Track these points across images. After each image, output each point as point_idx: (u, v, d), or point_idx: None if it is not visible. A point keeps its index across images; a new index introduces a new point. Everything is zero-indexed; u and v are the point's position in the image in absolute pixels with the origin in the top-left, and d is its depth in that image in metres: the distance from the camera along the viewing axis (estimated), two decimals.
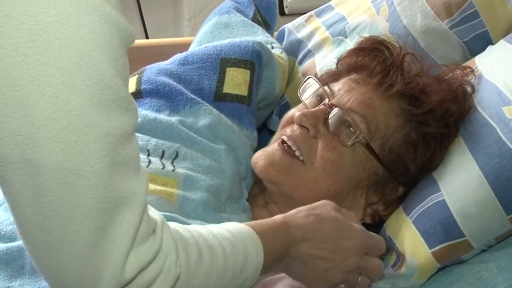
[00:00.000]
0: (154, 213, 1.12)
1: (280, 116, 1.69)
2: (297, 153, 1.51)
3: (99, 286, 1.07)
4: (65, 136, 0.97)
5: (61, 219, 1.01)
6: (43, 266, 1.10)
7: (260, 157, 1.54)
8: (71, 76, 0.96)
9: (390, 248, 1.46)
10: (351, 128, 1.49)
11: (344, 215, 1.41)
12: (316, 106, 1.55)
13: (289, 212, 1.36)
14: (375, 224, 1.53)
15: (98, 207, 1.02)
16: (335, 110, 1.50)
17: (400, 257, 1.43)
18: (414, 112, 1.52)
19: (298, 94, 1.62)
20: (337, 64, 1.67)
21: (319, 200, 1.49)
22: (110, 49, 0.98)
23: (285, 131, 1.54)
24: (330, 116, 1.51)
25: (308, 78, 1.63)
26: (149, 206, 1.12)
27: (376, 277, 1.44)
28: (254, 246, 1.27)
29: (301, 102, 1.60)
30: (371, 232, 1.42)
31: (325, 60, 1.79)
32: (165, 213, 1.38)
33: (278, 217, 1.32)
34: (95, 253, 1.04)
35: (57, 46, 0.95)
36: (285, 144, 1.52)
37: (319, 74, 1.70)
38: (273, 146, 1.55)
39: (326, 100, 1.53)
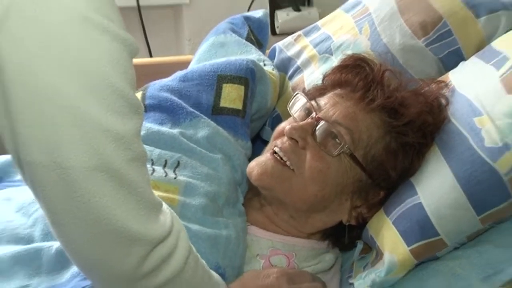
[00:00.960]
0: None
1: (272, 127, 1.73)
2: (287, 163, 1.53)
3: (129, 259, 1.15)
4: (87, 140, 1.04)
5: (92, 209, 1.08)
6: (74, 251, 1.18)
7: (254, 167, 1.56)
8: (90, 89, 1.03)
9: (371, 246, 1.51)
10: (336, 139, 1.51)
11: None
12: (304, 119, 1.57)
13: (240, 285, 1.45)
14: (359, 225, 1.56)
15: (121, 195, 1.09)
16: (322, 123, 1.53)
17: (379, 255, 1.46)
18: (393, 124, 1.54)
19: (288, 108, 1.65)
20: (323, 79, 1.70)
21: (309, 204, 1.57)
22: (120, 63, 1.06)
23: (276, 143, 1.56)
24: (317, 129, 1.53)
25: (297, 93, 1.66)
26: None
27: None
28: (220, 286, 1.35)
29: (291, 115, 1.63)
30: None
31: (313, 76, 1.82)
32: None
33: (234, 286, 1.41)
34: (124, 232, 1.12)
35: (78, 65, 1.02)
36: (276, 155, 1.54)
37: (307, 89, 1.72)
38: (266, 156, 1.57)
39: (314, 114, 1.56)
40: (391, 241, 1.44)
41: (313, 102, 1.59)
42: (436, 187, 1.46)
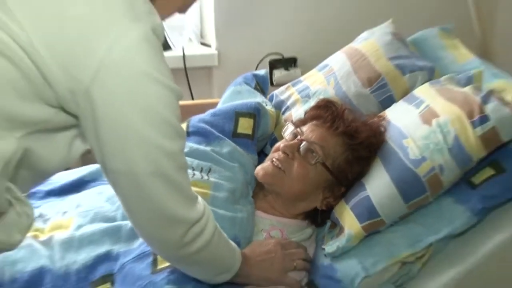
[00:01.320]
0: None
1: (271, 145, 1.70)
2: (282, 168, 1.52)
3: (175, 234, 1.14)
4: (150, 155, 1.04)
5: (151, 201, 1.09)
6: (140, 228, 1.18)
7: (260, 170, 1.56)
8: (152, 123, 1.02)
9: (336, 224, 1.47)
10: (313, 153, 1.51)
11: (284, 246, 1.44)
12: (292, 140, 1.56)
13: (250, 250, 1.40)
14: (328, 210, 1.53)
15: (170, 191, 1.09)
16: (304, 143, 1.52)
17: (341, 230, 1.42)
18: (351, 143, 1.53)
19: (282, 133, 1.65)
20: (304, 114, 1.68)
21: (295, 196, 1.55)
22: (171, 104, 1.04)
23: (274, 155, 1.56)
24: (301, 147, 1.52)
25: (288, 123, 1.65)
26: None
27: (302, 257, 1.46)
28: (236, 258, 1.31)
29: (283, 138, 1.62)
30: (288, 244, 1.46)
31: (297, 112, 1.78)
32: None
33: (245, 253, 1.37)
34: (172, 216, 1.12)
35: (145, 107, 1.00)
36: (274, 162, 1.53)
37: (294, 121, 1.68)
38: (267, 163, 1.55)
39: (299, 137, 1.55)
40: (349, 221, 1.42)
41: (298, 129, 1.58)
42: (378, 185, 1.44)
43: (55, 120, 1.02)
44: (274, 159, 1.55)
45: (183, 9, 1.22)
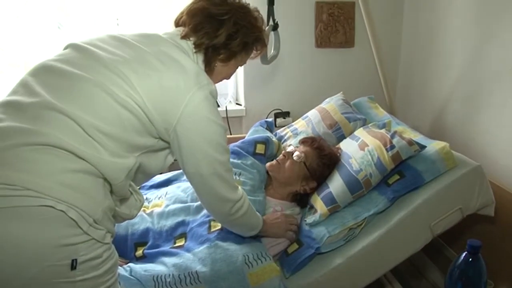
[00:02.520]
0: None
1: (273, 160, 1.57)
2: (280, 163, 1.50)
3: (226, 207, 1.14)
4: (210, 163, 1.05)
5: (212, 190, 1.09)
6: (205, 204, 1.18)
7: (269, 164, 1.53)
8: (211, 145, 1.04)
9: (312, 207, 1.44)
10: (298, 157, 1.48)
11: (284, 217, 1.39)
12: (289, 150, 1.53)
13: (266, 217, 1.35)
14: (305, 195, 1.49)
15: (223, 183, 1.09)
16: (296, 152, 1.49)
17: (315, 210, 1.41)
18: (320, 154, 1.49)
19: (283, 150, 1.61)
20: (299, 142, 1.59)
21: (286, 181, 1.49)
22: (221, 134, 1.05)
23: (278, 157, 1.53)
24: (294, 153, 1.49)
25: (290, 145, 1.62)
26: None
27: (296, 223, 1.40)
28: (260, 221, 1.29)
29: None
30: (290, 219, 1.40)
31: (290, 142, 1.73)
32: None
33: (264, 219, 1.32)
34: (224, 198, 1.12)
35: (209, 139, 1.03)
36: (277, 160, 1.51)
37: (290, 145, 1.62)
38: (273, 161, 1.53)
39: (293, 150, 1.51)
40: (320, 205, 1.40)
41: (293, 147, 1.55)
42: (336, 185, 1.42)
43: (157, 146, 1.03)
44: (277, 159, 1.53)
45: (227, 77, 1.21)
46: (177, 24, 1.13)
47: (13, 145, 0.83)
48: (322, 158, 1.50)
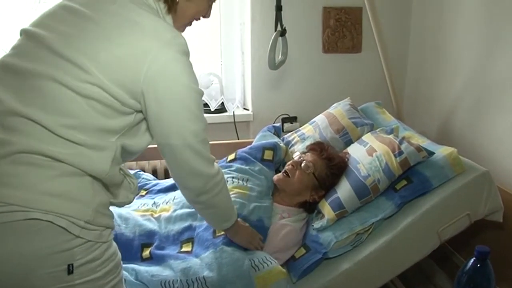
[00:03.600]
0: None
1: (283, 166, 1.59)
2: (289, 175, 1.48)
3: (200, 183, 1.04)
4: (180, 132, 0.95)
5: (184, 162, 0.99)
6: (178, 180, 1.07)
7: (276, 177, 1.51)
8: (188, 116, 0.94)
9: (320, 212, 1.43)
10: (308, 167, 1.46)
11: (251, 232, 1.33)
12: (297, 160, 1.51)
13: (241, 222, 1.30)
14: (314, 203, 1.48)
15: (196, 156, 0.99)
16: (304, 161, 1.48)
17: (323, 215, 1.41)
18: (329, 164, 1.48)
19: (293, 157, 1.59)
20: (306, 148, 1.60)
21: (294, 192, 1.48)
22: (194, 99, 0.95)
23: (286, 167, 1.50)
24: (302, 163, 1.48)
25: (297, 152, 1.61)
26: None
27: (259, 241, 1.33)
28: (235, 213, 1.23)
29: (292, 159, 1.56)
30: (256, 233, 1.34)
31: (298, 147, 1.71)
32: (242, 201, 1.40)
33: (239, 221, 1.27)
34: (198, 172, 1.01)
35: (185, 105, 0.93)
36: (284, 172, 1.49)
37: (297, 152, 1.62)
38: (280, 174, 1.51)
39: (302, 157, 1.51)
40: (327, 211, 1.40)
41: (302, 154, 1.54)
42: (344, 190, 1.42)
43: (135, 121, 0.94)
44: (286, 169, 1.51)
45: (203, 15, 1.04)
46: None
47: None
48: (331, 168, 1.49)
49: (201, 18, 1.06)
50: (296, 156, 1.57)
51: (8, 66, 0.89)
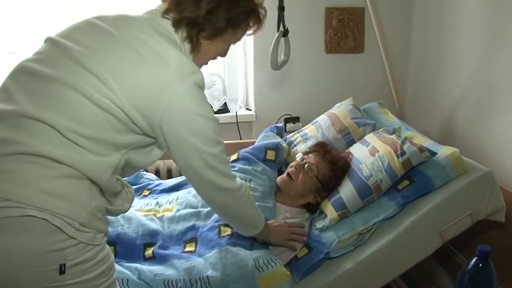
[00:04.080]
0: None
1: (286, 166, 1.64)
2: (293, 177, 1.49)
3: (225, 197, 1.10)
4: (200, 156, 0.99)
5: (207, 181, 1.04)
6: (204, 197, 1.13)
7: (279, 179, 1.53)
8: (199, 138, 0.98)
9: (323, 212, 1.44)
10: (311, 170, 1.48)
11: (286, 225, 1.37)
12: (301, 162, 1.52)
13: (270, 223, 1.33)
14: (317, 204, 1.49)
15: (217, 174, 1.04)
16: (307, 164, 1.49)
17: (325, 215, 1.41)
18: (332, 167, 1.48)
19: (295, 158, 1.59)
20: (309, 148, 1.61)
21: (298, 194, 1.49)
22: (209, 126, 0.99)
23: (288, 169, 1.52)
24: (305, 166, 1.49)
25: (300, 153, 1.61)
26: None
27: (298, 232, 1.37)
28: (262, 219, 1.26)
29: (295, 160, 1.57)
30: (295, 228, 1.38)
31: (300, 147, 1.72)
32: None
33: (267, 223, 1.30)
34: (222, 187, 1.07)
35: (197, 131, 0.97)
36: (288, 174, 1.51)
37: (302, 151, 1.63)
38: (284, 175, 1.53)
39: (304, 160, 1.52)
40: (330, 211, 1.40)
41: (304, 156, 1.55)
42: (346, 190, 1.43)
43: (143, 141, 0.98)
44: (289, 171, 1.52)
45: (220, 55, 1.11)
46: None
47: None
48: (335, 172, 1.50)
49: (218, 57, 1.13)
50: (298, 157, 1.58)
51: (29, 70, 0.92)
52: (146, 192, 1.66)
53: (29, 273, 0.83)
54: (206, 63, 1.11)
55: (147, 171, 1.82)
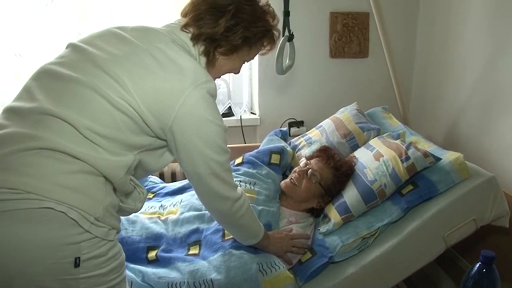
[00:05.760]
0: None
1: (290, 170, 1.65)
2: (296, 183, 1.50)
3: (226, 206, 1.13)
4: (207, 163, 1.03)
5: (210, 189, 1.07)
6: (206, 204, 1.16)
7: (283, 184, 1.53)
8: (207, 145, 1.01)
9: (326, 216, 1.45)
10: (315, 176, 1.48)
11: (287, 236, 1.36)
12: (304, 167, 1.52)
13: (271, 233, 1.32)
14: (321, 209, 1.50)
15: (220, 182, 1.07)
16: (310, 170, 1.49)
17: (329, 219, 1.42)
18: (336, 173, 1.49)
19: (299, 163, 1.62)
20: (312, 153, 1.61)
21: (302, 200, 1.50)
22: (218, 134, 1.02)
23: (292, 175, 1.53)
24: (308, 172, 1.49)
25: (303, 158, 1.63)
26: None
27: (299, 246, 1.36)
28: (261, 230, 1.26)
29: (298, 165, 1.59)
30: (297, 235, 1.38)
31: (304, 151, 1.74)
32: (251, 204, 1.34)
33: (268, 233, 1.30)
34: (223, 196, 1.10)
35: (206, 138, 1.01)
36: (291, 180, 1.51)
37: (306, 156, 1.63)
38: (288, 180, 1.53)
39: (307, 166, 1.52)
40: (334, 215, 1.41)
41: (308, 161, 1.56)
42: (350, 195, 1.43)
43: (154, 144, 1.02)
44: (292, 178, 1.53)
45: (234, 71, 1.15)
46: (184, 15, 1.10)
47: (15, 150, 0.86)
48: (338, 177, 1.50)
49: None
50: (301, 162, 1.59)
51: (50, 71, 0.97)
52: (151, 195, 1.67)
53: (44, 264, 0.85)
54: (219, 77, 1.15)
55: (151, 174, 1.83)
